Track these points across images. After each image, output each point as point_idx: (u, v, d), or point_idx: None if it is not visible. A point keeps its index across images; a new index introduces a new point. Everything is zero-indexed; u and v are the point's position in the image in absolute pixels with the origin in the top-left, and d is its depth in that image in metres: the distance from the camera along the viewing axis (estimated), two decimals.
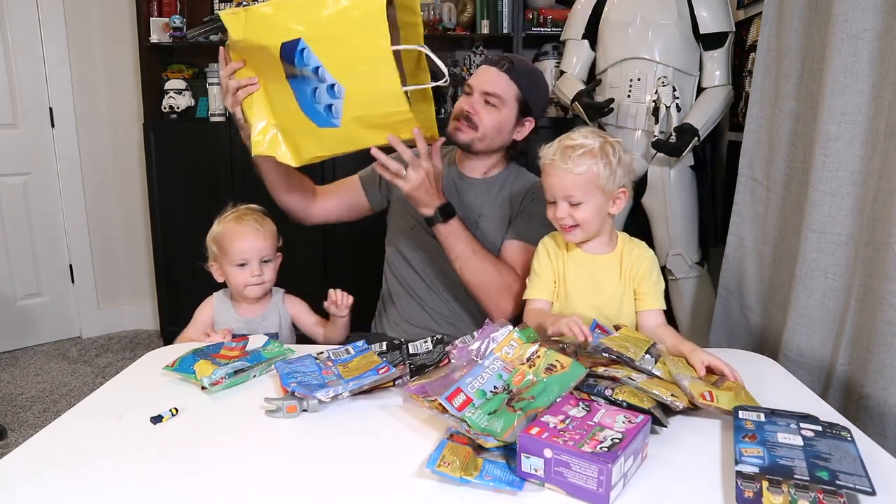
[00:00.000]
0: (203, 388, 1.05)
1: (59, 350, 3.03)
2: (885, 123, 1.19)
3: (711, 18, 2.11)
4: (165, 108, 2.88)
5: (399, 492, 0.79)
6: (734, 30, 2.15)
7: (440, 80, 1.22)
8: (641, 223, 2.25)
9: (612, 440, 0.77)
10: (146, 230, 3.09)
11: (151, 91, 2.87)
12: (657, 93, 2.07)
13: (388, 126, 1.19)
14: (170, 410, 0.98)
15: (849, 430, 0.86)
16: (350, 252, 2.77)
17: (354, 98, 1.15)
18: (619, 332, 1.09)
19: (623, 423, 0.82)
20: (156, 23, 2.83)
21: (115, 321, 3.28)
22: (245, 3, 2.76)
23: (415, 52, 1.15)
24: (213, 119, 2.84)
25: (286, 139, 1.25)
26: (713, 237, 2.26)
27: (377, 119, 1.18)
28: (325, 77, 1.14)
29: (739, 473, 0.77)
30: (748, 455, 0.80)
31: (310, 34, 1.12)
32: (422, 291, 1.54)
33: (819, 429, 0.86)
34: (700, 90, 2.20)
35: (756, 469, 0.77)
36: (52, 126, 2.98)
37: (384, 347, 1.15)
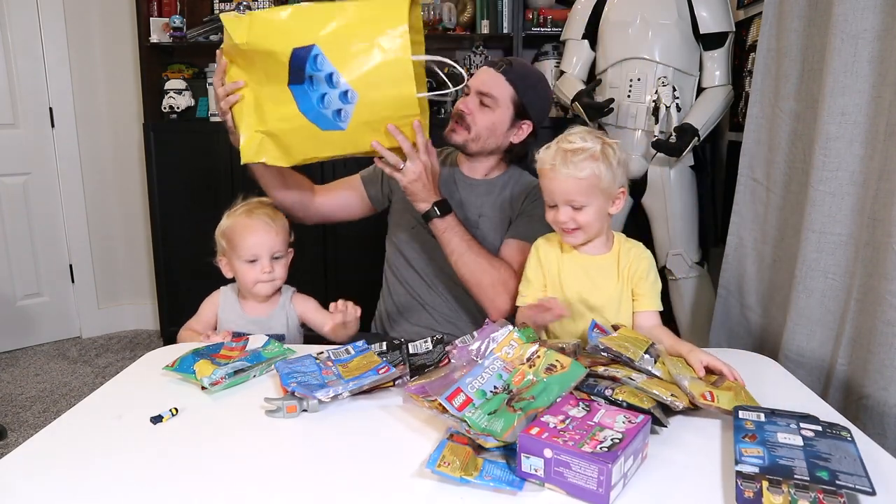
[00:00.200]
0: (203, 388, 1.05)
1: (59, 350, 3.03)
2: (885, 123, 1.19)
3: (711, 18, 2.11)
4: (165, 108, 2.88)
5: (399, 492, 0.79)
6: (734, 30, 2.15)
7: (460, 85, 1.29)
8: (641, 223, 2.25)
9: (612, 440, 0.77)
10: (146, 230, 3.09)
11: (151, 91, 2.87)
12: (657, 93, 2.07)
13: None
14: (170, 410, 0.98)
15: (849, 430, 0.86)
16: (350, 252, 2.77)
17: (367, 104, 1.18)
18: (618, 332, 1.09)
19: (623, 423, 0.82)
20: (156, 23, 2.83)
21: (115, 321, 3.28)
22: (245, 3, 2.76)
23: (415, 63, 1.18)
24: (213, 119, 2.84)
25: (275, 142, 1.26)
26: (713, 237, 2.26)
27: (384, 123, 1.22)
28: (339, 83, 1.17)
29: (739, 473, 0.77)
30: (748, 455, 0.80)
31: (326, 41, 1.16)
32: (422, 291, 1.54)
33: (819, 429, 0.86)
34: (700, 90, 2.20)
35: (756, 469, 0.77)
36: (52, 126, 2.98)
37: (384, 347, 1.15)
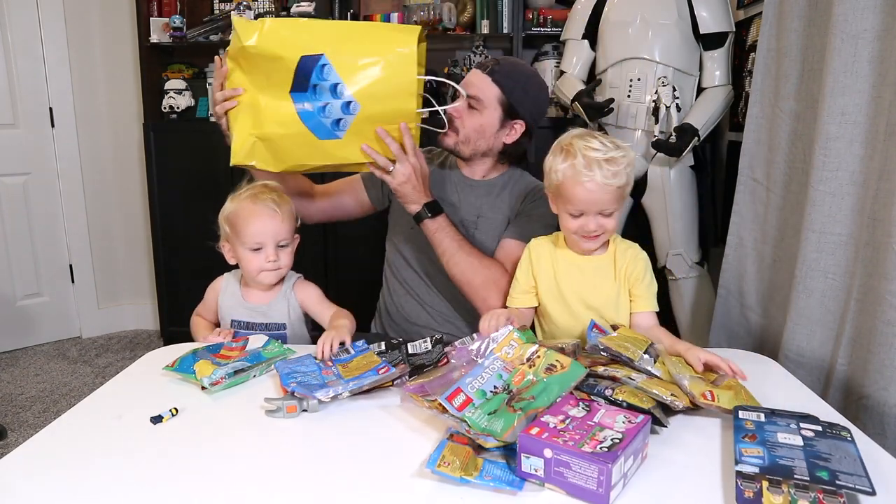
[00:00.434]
0: (203, 388, 1.05)
1: (59, 350, 3.03)
2: (885, 123, 1.19)
3: (711, 18, 2.11)
4: (165, 108, 2.88)
5: (399, 492, 0.79)
6: (734, 30, 2.15)
7: (457, 102, 1.38)
8: (641, 223, 2.25)
9: (612, 440, 0.77)
10: (146, 230, 3.09)
11: (151, 91, 2.87)
12: (657, 93, 2.07)
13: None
14: (170, 410, 0.98)
15: (849, 430, 0.86)
16: (350, 252, 2.77)
17: (367, 116, 1.21)
18: (618, 332, 1.09)
19: (623, 423, 0.82)
20: (156, 23, 2.83)
21: (115, 321, 3.28)
22: (245, 3, 2.76)
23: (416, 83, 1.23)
24: (213, 119, 2.83)
25: (267, 147, 1.26)
26: (713, 237, 2.26)
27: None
28: (343, 94, 1.19)
29: (739, 473, 0.77)
30: (748, 455, 0.80)
31: (335, 52, 1.18)
32: (421, 290, 1.54)
33: (819, 429, 0.86)
34: (700, 90, 2.20)
35: (756, 469, 0.77)
36: (52, 126, 2.98)
37: (383, 347, 1.15)
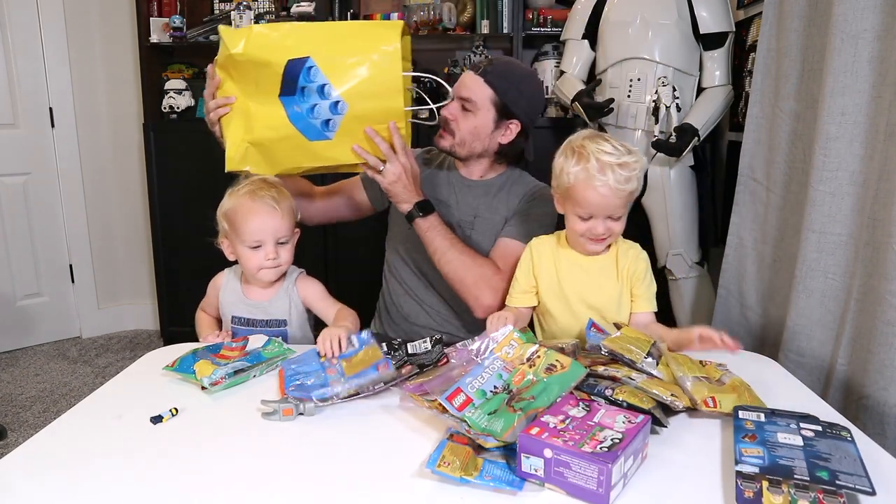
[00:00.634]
0: (203, 388, 1.05)
1: (59, 350, 3.03)
2: (885, 123, 1.19)
3: (711, 18, 2.11)
4: (165, 108, 2.88)
5: (399, 492, 0.79)
6: (734, 30, 2.15)
7: (445, 102, 1.39)
8: (641, 223, 2.25)
9: (612, 440, 0.77)
10: (146, 230, 3.09)
11: (151, 91, 2.87)
12: (657, 93, 2.07)
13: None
14: (170, 410, 0.98)
15: (849, 430, 0.86)
16: (350, 252, 2.77)
17: (355, 115, 1.22)
18: (621, 332, 1.09)
19: (623, 423, 0.82)
20: (156, 23, 2.83)
21: (115, 321, 3.28)
22: (245, 3, 2.76)
23: (403, 80, 1.24)
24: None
25: (260, 151, 1.27)
26: (713, 237, 2.26)
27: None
28: (331, 94, 1.20)
29: (739, 473, 0.77)
30: (748, 455, 0.80)
31: (320, 54, 1.20)
32: (420, 291, 1.54)
33: (819, 429, 0.86)
34: (700, 90, 2.20)
35: (756, 469, 0.77)
36: (52, 126, 2.98)
37: (384, 348, 1.15)
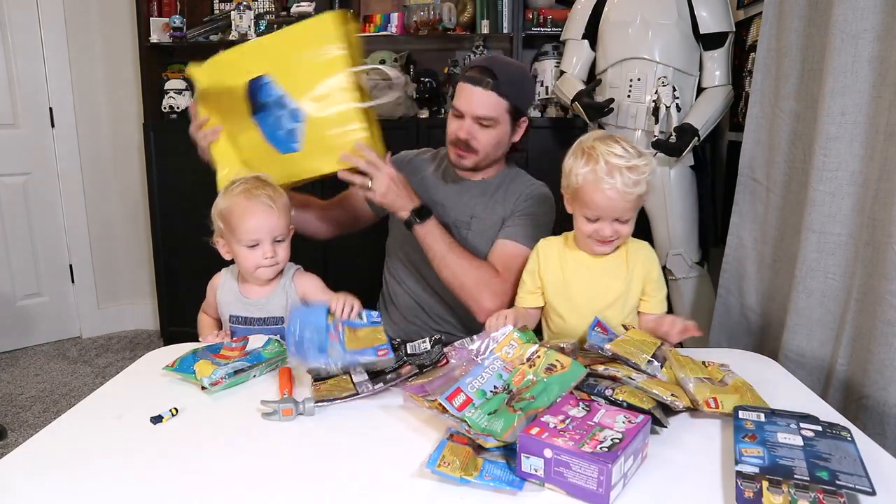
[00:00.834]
0: (203, 388, 1.05)
1: (59, 350, 3.03)
2: (885, 123, 1.19)
3: (711, 18, 2.11)
4: (165, 108, 2.88)
5: (399, 492, 0.79)
6: (734, 30, 2.15)
7: (396, 93, 1.42)
8: (641, 223, 2.25)
9: (612, 440, 0.77)
10: (146, 230, 3.09)
11: (151, 91, 2.87)
12: (657, 93, 2.07)
13: (345, 146, 1.28)
14: (170, 410, 0.98)
15: (849, 430, 0.86)
16: (350, 253, 2.77)
17: (315, 121, 1.26)
18: (626, 335, 1.08)
19: (623, 423, 0.82)
20: (156, 23, 2.83)
21: (115, 321, 3.28)
22: (245, 3, 2.76)
23: (357, 75, 1.28)
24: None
25: (249, 170, 1.33)
26: (713, 237, 2.26)
27: (335, 139, 1.28)
28: (288, 103, 1.25)
29: (739, 473, 0.77)
30: (748, 455, 0.80)
31: (273, 68, 1.25)
32: (420, 291, 1.54)
33: (819, 429, 0.86)
34: (700, 90, 2.20)
35: (756, 469, 0.77)
36: (52, 126, 2.98)
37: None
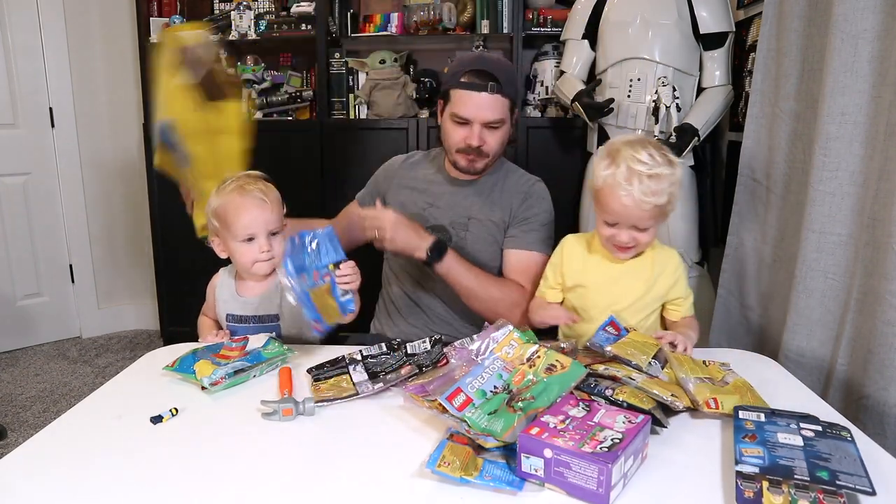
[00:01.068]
0: (203, 388, 1.05)
1: (59, 350, 3.03)
2: (885, 123, 1.19)
3: (711, 18, 2.11)
4: None
5: (399, 492, 0.79)
6: (734, 30, 2.15)
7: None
8: None
9: (612, 440, 0.77)
10: (146, 230, 3.08)
11: (151, 91, 2.86)
12: (657, 93, 2.06)
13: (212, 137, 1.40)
14: (170, 410, 0.98)
15: (849, 430, 0.86)
16: (350, 254, 2.76)
17: (185, 133, 1.37)
18: (628, 336, 1.08)
19: (623, 424, 0.82)
20: (156, 23, 2.83)
21: (115, 321, 3.28)
22: (245, 3, 2.76)
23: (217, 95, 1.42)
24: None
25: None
26: (713, 237, 2.26)
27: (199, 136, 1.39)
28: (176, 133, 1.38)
29: (739, 473, 0.77)
30: (748, 455, 0.80)
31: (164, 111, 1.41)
32: (419, 292, 1.54)
33: (819, 429, 0.86)
34: (700, 90, 2.20)
35: (756, 469, 0.77)
36: (52, 126, 2.98)
37: (383, 349, 1.15)
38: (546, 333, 1.29)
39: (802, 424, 0.87)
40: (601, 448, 0.76)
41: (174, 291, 2.92)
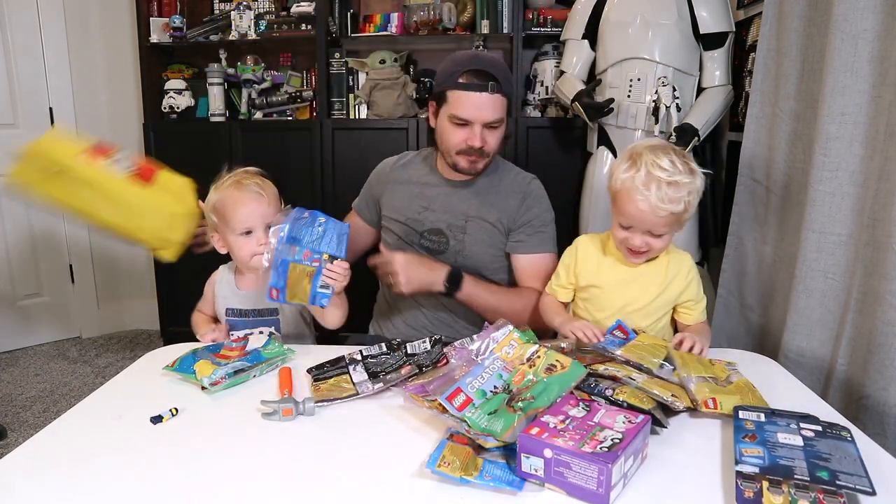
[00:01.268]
0: (203, 388, 1.05)
1: (59, 350, 3.03)
2: (885, 123, 1.19)
3: (711, 18, 2.11)
4: (165, 108, 2.88)
5: (399, 492, 0.79)
6: (734, 30, 2.15)
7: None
8: None
9: (612, 440, 0.77)
10: None
11: (151, 91, 2.86)
12: (657, 93, 2.06)
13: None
14: (170, 410, 0.98)
15: (849, 430, 0.86)
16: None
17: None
18: (637, 339, 1.08)
19: (623, 424, 0.82)
20: (156, 23, 2.83)
21: (115, 321, 3.28)
22: (244, 4, 2.76)
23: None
24: (213, 119, 2.84)
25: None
26: (713, 237, 2.26)
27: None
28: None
29: (739, 473, 0.77)
30: (748, 455, 0.80)
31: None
32: (418, 293, 1.54)
33: (819, 429, 0.86)
34: (700, 90, 2.20)
35: (756, 469, 0.77)
36: (52, 126, 2.97)
37: (383, 349, 1.15)
38: (546, 333, 1.29)
39: (802, 424, 0.87)
40: (601, 448, 0.76)
41: (174, 291, 2.92)
